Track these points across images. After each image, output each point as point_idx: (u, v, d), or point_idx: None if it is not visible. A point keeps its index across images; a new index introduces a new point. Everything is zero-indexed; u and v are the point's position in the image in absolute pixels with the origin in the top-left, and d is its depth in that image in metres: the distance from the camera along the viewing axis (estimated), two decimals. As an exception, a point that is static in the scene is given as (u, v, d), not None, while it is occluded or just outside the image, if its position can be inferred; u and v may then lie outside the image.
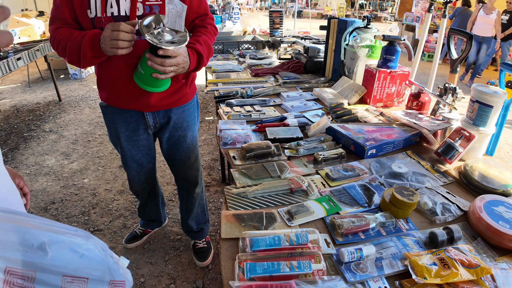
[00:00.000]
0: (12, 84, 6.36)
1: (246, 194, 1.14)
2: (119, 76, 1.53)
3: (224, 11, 8.76)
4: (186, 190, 2.07)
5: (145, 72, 1.36)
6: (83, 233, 0.61)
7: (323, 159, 1.35)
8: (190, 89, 1.74)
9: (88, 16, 1.40)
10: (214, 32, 1.68)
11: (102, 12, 1.38)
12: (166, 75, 1.37)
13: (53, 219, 2.69)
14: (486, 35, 7.09)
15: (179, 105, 1.73)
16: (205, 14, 1.65)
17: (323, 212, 1.07)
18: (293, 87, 2.33)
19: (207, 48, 1.55)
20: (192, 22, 1.62)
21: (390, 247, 0.96)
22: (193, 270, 2.20)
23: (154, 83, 1.42)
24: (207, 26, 1.64)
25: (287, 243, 0.91)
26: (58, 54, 1.48)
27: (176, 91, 1.66)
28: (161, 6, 1.43)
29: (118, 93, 1.60)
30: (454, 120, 1.58)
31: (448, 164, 1.40)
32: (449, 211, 1.11)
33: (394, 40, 1.88)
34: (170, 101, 1.67)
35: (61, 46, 1.41)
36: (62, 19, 1.44)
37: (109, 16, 1.39)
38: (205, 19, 1.65)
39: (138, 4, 1.39)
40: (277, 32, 3.52)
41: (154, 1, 1.42)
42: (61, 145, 3.97)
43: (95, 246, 0.59)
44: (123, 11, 1.39)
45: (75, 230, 0.60)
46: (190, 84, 1.73)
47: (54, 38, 1.43)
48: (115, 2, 1.38)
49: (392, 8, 19.87)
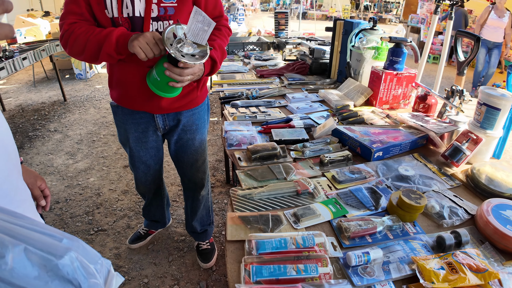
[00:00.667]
0: (18, 83, 6.39)
1: (252, 196, 1.14)
2: (131, 78, 1.53)
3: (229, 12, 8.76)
4: (192, 192, 2.06)
5: (161, 80, 1.35)
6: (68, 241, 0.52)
7: (329, 161, 1.34)
8: (201, 92, 1.74)
9: (107, 16, 1.39)
10: (228, 34, 1.68)
11: (119, 13, 1.38)
12: (182, 84, 1.37)
13: (57, 218, 2.70)
14: (498, 40, 6.33)
15: (189, 108, 1.72)
16: (220, 15, 1.65)
17: (330, 215, 1.07)
18: (299, 88, 2.32)
19: (221, 52, 1.55)
20: None
21: (398, 251, 0.95)
22: (197, 271, 2.20)
23: (169, 90, 1.41)
24: (221, 28, 1.63)
25: (293, 246, 0.91)
26: (70, 51, 1.42)
27: (187, 94, 1.66)
28: (176, 8, 1.42)
29: (129, 94, 1.59)
30: (461, 122, 1.57)
31: (455, 167, 1.39)
32: (457, 214, 1.10)
33: (400, 42, 1.87)
34: (181, 104, 1.66)
35: (79, 42, 1.37)
36: (79, 14, 1.41)
37: (126, 17, 1.39)
38: (219, 20, 1.65)
39: (153, 6, 1.38)
40: (282, 34, 3.51)
41: (169, 3, 1.41)
42: (65, 145, 3.98)
43: (71, 261, 0.49)
44: (137, 12, 1.38)
45: (60, 238, 0.52)
46: (201, 88, 1.72)
47: (72, 33, 1.38)
48: (130, 3, 1.37)
49: (396, 10, 19.81)
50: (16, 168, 0.77)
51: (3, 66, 3.68)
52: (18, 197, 0.75)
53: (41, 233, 0.52)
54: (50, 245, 0.50)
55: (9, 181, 0.72)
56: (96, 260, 0.54)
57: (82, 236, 2.50)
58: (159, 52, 1.30)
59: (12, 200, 0.73)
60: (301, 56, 2.92)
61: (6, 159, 0.72)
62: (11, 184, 0.73)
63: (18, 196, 0.76)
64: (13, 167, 0.75)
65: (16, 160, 0.78)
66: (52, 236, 0.52)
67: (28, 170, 1.07)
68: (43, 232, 0.52)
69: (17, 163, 0.78)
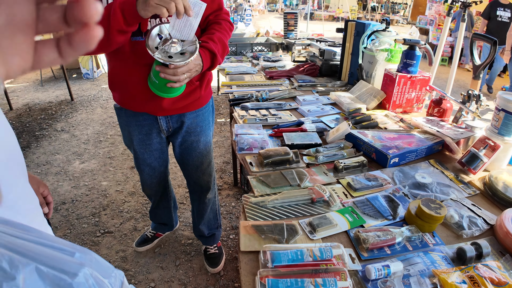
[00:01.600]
0: (25, 82, 6.39)
1: (265, 204, 1.10)
2: (130, 79, 1.50)
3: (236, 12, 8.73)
4: (198, 195, 2.03)
5: (160, 82, 1.33)
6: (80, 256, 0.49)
7: (344, 167, 1.30)
8: (205, 92, 1.70)
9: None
10: (230, 28, 1.61)
11: None
12: (181, 83, 1.34)
13: (63, 220, 2.68)
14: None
15: (193, 109, 1.69)
16: (219, 9, 1.58)
17: (347, 225, 1.03)
18: (309, 90, 2.28)
19: (221, 45, 1.50)
20: (206, 18, 1.56)
21: (418, 263, 0.91)
22: (204, 276, 2.16)
23: (169, 90, 1.38)
24: (221, 22, 1.57)
25: (310, 258, 0.87)
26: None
27: (190, 93, 1.62)
28: None
29: (130, 95, 1.57)
30: (477, 128, 1.52)
31: (472, 174, 1.35)
32: (476, 224, 1.06)
33: (414, 44, 1.82)
34: (183, 104, 1.63)
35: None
36: None
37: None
38: (219, 14, 1.59)
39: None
40: (292, 34, 3.47)
41: None
42: (72, 145, 3.96)
43: (85, 279, 0.46)
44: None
45: (71, 252, 0.49)
46: (205, 87, 1.69)
47: None
48: None
49: (404, 11, 19.68)
50: (23, 175, 0.74)
51: (10, 65, 3.67)
52: (25, 206, 0.72)
53: (51, 248, 0.48)
54: (63, 261, 0.46)
55: (16, 190, 0.69)
56: (109, 274, 0.52)
57: (89, 238, 2.48)
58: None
59: (19, 210, 0.70)
60: (310, 57, 2.88)
61: (12, 167, 0.69)
62: (17, 193, 0.70)
63: (25, 205, 0.73)
64: (19, 174, 0.72)
65: (23, 166, 0.75)
66: (64, 250, 0.49)
67: (31, 176, 1.04)
68: (54, 247, 0.49)
69: (23, 169, 0.75)
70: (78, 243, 2.40)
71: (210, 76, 1.72)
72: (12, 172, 0.69)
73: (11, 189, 0.68)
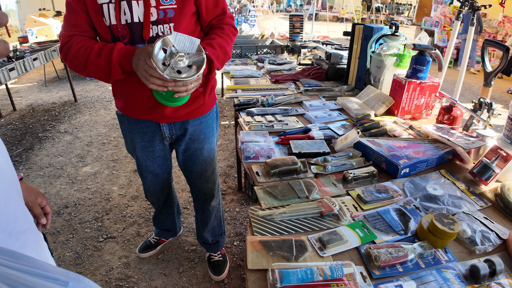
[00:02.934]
0: (29, 83, 6.40)
1: (273, 217, 1.06)
2: (134, 87, 1.48)
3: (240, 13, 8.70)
4: (201, 203, 2.00)
5: (167, 93, 1.30)
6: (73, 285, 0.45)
7: (353, 178, 1.26)
8: (209, 99, 1.66)
9: (105, 24, 1.35)
10: (233, 33, 1.58)
11: (117, 20, 1.33)
12: (188, 92, 1.31)
13: (65, 224, 2.65)
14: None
15: (196, 116, 1.65)
16: (222, 13, 1.55)
17: (357, 241, 0.99)
18: (315, 95, 2.24)
19: (221, 51, 1.46)
20: (209, 23, 1.54)
21: (431, 282, 0.87)
22: (208, 284, 2.13)
23: (177, 100, 1.35)
24: (223, 27, 1.54)
25: (320, 278, 0.83)
26: (70, 65, 1.38)
27: (193, 100, 1.58)
28: (176, 10, 1.36)
29: (133, 103, 1.54)
30: (489, 137, 1.48)
31: (483, 185, 1.30)
32: (489, 240, 1.02)
33: (424, 50, 1.78)
34: (187, 111, 1.59)
35: (78, 58, 1.33)
36: (77, 25, 1.37)
37: (124, 24, 1.34)
38: (222, 18, 1.56)
39: (152, 9, 1.32)
40: (297, 37, 3.43)
41: (168, 5, 1.34)
42: (75, 147, 3.94)
43: None
44: (136, 17, 1.33)
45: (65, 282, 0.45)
46: (209, 94, 1.65)
47: (70, 48, 1.34)
48: (128, 9, 1.31)
49: (408, 12, 19.58)
50: (16, 194, 0.71)
51: (13, 67, 3.65)
52: (17, 228, 0.69)
53: (43, 278, 0.45)
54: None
55: (7, 213, 0.66)
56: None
57: (91, 243, 2.45)
58: (160, 81, 1.24)
59: (11, 232, 0.66)
60: (316, 60, 2.84)
61: (3, 188, 0.66)
62: (8, 215, 0.66)
63: (18, 227, 0.69)
64: (11, 194, 0.69)
65: (16, 185, 0.71)
66: (56, 280, 0.45)
67: (29, 187, 1.01)
68: (46, 276, 0.45)
69: (16, 188, 0.72)
70: (80, 249, 2.38)
71: (214, 82, 1.69)
72: (3, 194, 0.66)
73: (3, 212, 0.64)
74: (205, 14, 1.48)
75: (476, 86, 6.66)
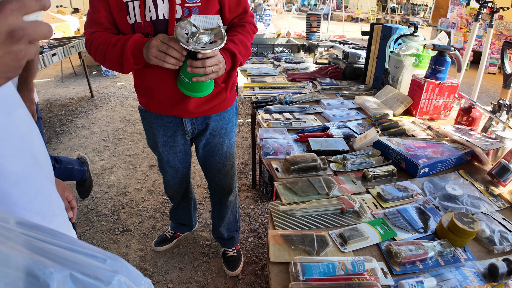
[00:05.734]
0: (46, 78, 6.50)
1: (294, 213, 1.07)
2: (158, 84, 1.50)
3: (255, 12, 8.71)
4: (219, 198, 2.02)
5: (189, 79, 1.33)
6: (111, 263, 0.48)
7: (373, 177, 1.27)
8: (230, 95, 1.69)
9: (128, 22, 1.38)
10: (253, 31, 1.61)
11: (142, 17, 1.35)
12: (207, 76, 1.33)
13: (82, 217, 2.70)
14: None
15: (218, 111, 1.68)
16: (244, 12, 1.58)
17: (378, 238, 1.00)
18: (333, 94, 2.24)
19: (243, 47, 1.49)
20: (231, 21, 1.57)
21: (450, 279, 0.88)
22: (223, 279, 2.15)
23: (200, 88, 1.38)
24: (245, 24, 1.57)
25: (342, 272, 0.84)
26: (94, 59, 1.44)
27: (215, 96, 1.61)
28: (200, 8, 1.38)
29: (157, 100, 1.57)
30: (508, 139, 1.47)
31: (502, 186, 1.30)
32: (507, 240, 1.02)
33: (444, 50, 1.78)
34: (209, 106, 1.62)
35: (99, 52, 1.38)
36: (99, 23, 1.41)
37: (148, 21, 1.36)
38: (244, 17, 1.58)
39: (176, 7, 1.35)
40: (314, 36, 3.43)
41: (193, 3, 1.36)
42: (92, 141, 4.00)
43: (119, 286, 0.45)
44: (161, 15, 1.36)
45: (103, 259, 0.48)
46: (230, 89, 1.67)
47: (91, 43, 1.39)
48: (153, 6, 1.34)
49: (424, 12, 19.35)
50: (49, 179, 0.73)
51: (34, 62, 3.71)
52: (51, 211, 0.71)
53: (82, 254, 0.47)
54: (96, 268, 0.45)
55: (42, 195, 0.68)
56: (139, 281, 0.51)
57: (108, 236, 2.49)
58: (177, 54, 1.27)
59: (45, 215, 0.69)
60: (333, 59, 2.84)
61: (38, 171, 0.68)
62: (43, 198, 0.69)
63: (51, 211, 0.72)
64: (46, 179, 0.71)
65: (49, 170, 0.74)
66: (95, 257, 0.48)
67: (57, 180, 1.04)
68: (85, 253, 0.47)
69: (50, 173, 0.74)
70: (97, 241, 2.42)
71: (235, 78, 1.71)
72: (39, 177, 0.68)
73: (38, 194, 0.67)
74: (228, 12, 1.50)
75: (492, 89, 6.57)
